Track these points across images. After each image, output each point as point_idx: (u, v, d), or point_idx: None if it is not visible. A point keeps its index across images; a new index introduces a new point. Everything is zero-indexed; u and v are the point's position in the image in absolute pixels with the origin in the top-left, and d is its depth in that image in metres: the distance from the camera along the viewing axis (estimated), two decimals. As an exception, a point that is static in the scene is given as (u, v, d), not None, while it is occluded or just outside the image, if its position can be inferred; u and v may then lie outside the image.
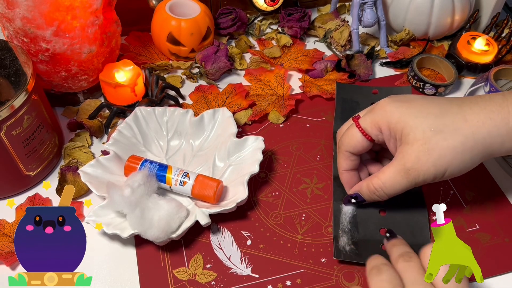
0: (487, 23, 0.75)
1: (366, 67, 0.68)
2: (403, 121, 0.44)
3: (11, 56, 0.50)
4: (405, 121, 0.44)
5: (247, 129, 0.62)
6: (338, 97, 0.64)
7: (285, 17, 0.73)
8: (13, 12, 0.51)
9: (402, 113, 0.45)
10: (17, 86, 0.48)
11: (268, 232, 0.51)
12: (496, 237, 0.51)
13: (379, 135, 0.47)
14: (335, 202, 0.53)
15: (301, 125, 0.63)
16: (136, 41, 0.72)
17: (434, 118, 0.44)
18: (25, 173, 0.53)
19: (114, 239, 0.51)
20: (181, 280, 0.48)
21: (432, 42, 0.74)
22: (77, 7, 0.53)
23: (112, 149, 0.54)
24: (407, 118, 0.44)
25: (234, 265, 0.49)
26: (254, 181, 0.56)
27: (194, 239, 0.51)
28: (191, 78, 0.68)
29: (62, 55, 0.56)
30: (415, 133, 0.44)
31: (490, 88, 0.62)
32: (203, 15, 0.67)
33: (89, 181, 0.51)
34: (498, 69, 0.64)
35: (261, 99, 0.65)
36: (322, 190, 0.56)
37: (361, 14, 0.70)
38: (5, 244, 0.49)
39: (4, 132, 0.47)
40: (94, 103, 0.63)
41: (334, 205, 0.53)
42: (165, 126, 0.58)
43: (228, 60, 0.67)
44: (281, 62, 0.71)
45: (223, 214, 0.51)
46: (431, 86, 0.65)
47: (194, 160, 0.57)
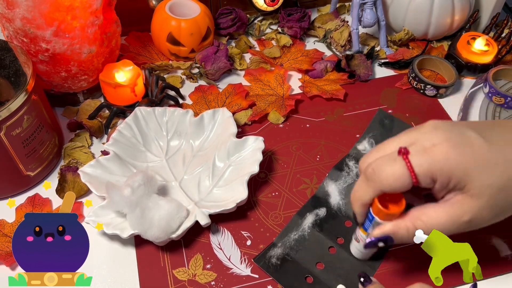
0: (487, 23, 0.75)
1: (366, 67, 0.68)
2: (470, 174, 0.38)
3: (11, 56, 0.50)
4: (471, 175, 0.38)
5: (247, 129, 0.62)
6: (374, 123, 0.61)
7: (285, 17, 0.73)
8: (13, 12, 0.51)
9: (468, 163, 0.38)
10: (17, 86, 0.48)
11: (268, 232, 0.51)
12: (496, 237, 0.51)
13: (430, 183, 0.40)
14: (297, 215, 0.52)
15: (301, 125, 0.63)
16: (136, 41, 0.72)
17: (500, 172, 0.39)
18: (25, 173, 0.53)
19: (114, 239, 0.51)
20: (181, 280, 0.48)
21: (431, 42, 0.74)
22: (77, 7, 0.53)
23: (112, 149, 0.54)
24: (474, 171, 0.38)
25: (234, 265, 0.49)
26: (254, 181, 0.56)
27: (194, 239, 0.51)
28: (191, 78, 0.68)
29: (62, 55, 0.56)
30: (481, 189, 0.39)
31: (490, 89, 0.62)
32: (203, 15, 0.67)
33: (89, 181, 0.51)
34: (497, 70, 0.64)
35: (261, 99, 0.65)
36: (322, 190, 0.56)
37: (361, 14, 0.70)
38: (5, 244, 0.49)
39: (4, 132, 0.47)
40: (94, 103, 0.63)
41: (294, 218, 0.52)
42: (165, 126, 0.58)
43: (228, 60, 0.67)
44: (281, 62, 0.71)
45: (223, 214, 0.51)
46: (432, 87, 0.65)
47: (194, 160, 0.57)
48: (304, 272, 0.48)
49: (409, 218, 0.41)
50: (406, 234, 0.41)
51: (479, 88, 0.64)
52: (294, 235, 0.50)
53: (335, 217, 0.52)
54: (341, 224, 0.52)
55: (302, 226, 0.51)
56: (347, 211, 0.53)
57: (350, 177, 0.55)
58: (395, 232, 0.41)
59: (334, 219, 0.52)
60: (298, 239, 0.50)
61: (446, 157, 0.38)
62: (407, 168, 0.38)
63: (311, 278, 0.47)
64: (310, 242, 0.50)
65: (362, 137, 0.60)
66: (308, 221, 0.51)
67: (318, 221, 0.52)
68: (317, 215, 0.52)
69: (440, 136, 0.39)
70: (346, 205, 0.53)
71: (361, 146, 0.59)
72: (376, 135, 0.60)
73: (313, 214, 0.52)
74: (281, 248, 0.49)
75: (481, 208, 0.39)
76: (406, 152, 0.39)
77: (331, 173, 0.56)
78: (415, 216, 0.41)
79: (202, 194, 0.54)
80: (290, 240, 0.50)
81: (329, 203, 0.53)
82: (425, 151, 0.39)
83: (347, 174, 0.56)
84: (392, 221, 0.41)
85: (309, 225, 0.51)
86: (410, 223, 0.41)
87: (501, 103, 0.63)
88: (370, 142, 0.59)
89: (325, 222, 0.52)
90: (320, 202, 0.53)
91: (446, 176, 0.39)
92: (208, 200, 0.53)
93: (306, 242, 0.50)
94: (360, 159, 0.44)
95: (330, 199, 0.54)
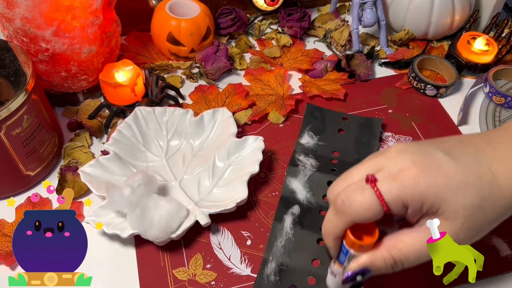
0: (487, 23, 0.75)
1: (366, 67, 0.68)
2: (442, 197, 0.37)
3: (11, 56, 0.50)
4: (444, 198, 0.37)
5: (247, 129, 0.62)
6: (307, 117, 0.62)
7: (285, 17, 0.73)
8: (13, 12, 0.51)
9: (439, 186, 0.37)
10: (17, 86, 0.48)
11: (268, 232, 0.51)
12: (496, 237, 0.51)
13: (402, 210, 0.38)
14: (275, 221, 0.51)
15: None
16: (136, 41, 0.72)
17: (474, 192, 0.37)
18: (25, 173, 0.53)
19: (114, 239, 0.51)
20: (181, 280, 0.48)
21: (431, 42, 0.74)
22: (77, 7, 0.53)
23: (112, 149, 0.54)
24: (447, 194, 0.37)
25: (234, 265, 0.49)
26: (254, 181, 0.56)
27: (194, 239, 0.51)
28: (191, 78, 0.68)
29: (62, 55, 0.56)
30: (455, 211, 0.37)
31: (490, 89, 0.62)
32: (203, 15, 0.67)
33: (89, 181, 0.51)
34: (497, 70, 0.64)
35: (261, 99, 0.65)
36: (322, 190, 0.56)
37: (361, 14, 0.70)
38: (5, 244, 0.49)
39: (4, 132, 0.47)
40: (94, 103, 0.63)
41: (274, 225, 0.51)
42: (165, 126, 0.58)
43: (228, 60, 0.67)
44: (281, 62, 0.71)
45: (223, 214, 0.51)
46: (432, 87, 0.65)
47: (194, 160, 0.57)
48: (304, 275, 0.47)
49: (385, 247, 0.39)
50: (384, 264, 0.39)
51: (479, 88, 0.64)
52: (281, 242, 0.50)
53: (309, 210, 0.52)
54: (317, 215, 0.52)
55: (284, 230, 0.50)
56: (318, 201, 0.53)
57: (307, 170, 0.56)
58: (372, 263, 0.39)
59: (309, 213, 0.52)
60: (285, 244, 0.49)
61: (416, 181, 0.37)
62: (377, 197, 0.37)
63: (313, 279, 0.47)
64: (297, 242, 0.50)
65: (301, 131, 0.61)
66: (288, 222, 0.51)
67: (296, 219, 0.51)
68: (293, 214, 0.52)
69: (407, 160, 0.38)
70: (314, 196, 0.54)
71: (303, 140, 0.59)
72: (313, 127, 0.61)
73: (289, 214, 0.52)
74: (274, 261, 0.48)
75: (458, 230, 0.38)
76: (374, 180, 0.37)
77: (288, 170, 0.56)
78: (391, 245, 0.39)
79: (202, 194, 0.54)
80: (278, 249, 0.49)
81: (298, 199, 0.53)
82: (393, 177, 0.37)
83: (304, 168, 0.56)
84: (367, 252, 0.39)
85: (290, 226, 0.51)
86: (386, 253, 0.39)
87: (501, 103, 0.63)
88: (310, 134, 0.60)
89: (303, 218, 0.52)
90: (289, 201, 0.53)
91: (418, 201, 0.37)
92: (208, 200, 0.53)
93: (294, 244, 0.49)
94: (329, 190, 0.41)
95: (298, 195, 0.54)
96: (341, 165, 0.56)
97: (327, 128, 0.61)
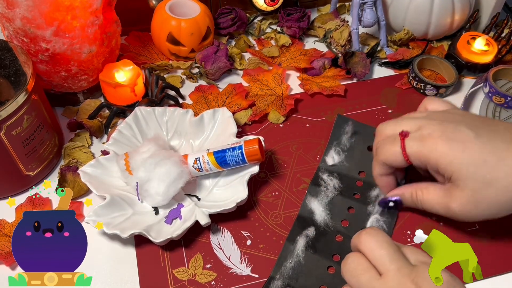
0: (487, 23, 0.75)
1: (364, 66, 0.67)
2: (455, 166, 0.43)
3: (11, 56, 0.50)
4: (457, 168, 0.43)
5: (247, 129, 0.62)
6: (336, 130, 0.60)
7: (284, 17, 0.73)
8: (13, 12, 0.51)
9: (455, 157, 0.43)
10: (17, 86, 0.48)
11: (268, 232, 0.51)
12: (496, 237, 0.51)
13: (422, 165, 0.46)
14: (287, 242, 0.50)
15: (301, 125, 0.63)
16: (136, 41, 0.72)
17: (488, 169, 0.42)
18: (25, 173, 0.53)
19: (114, 239, 0.51)
20: (181, 280, 0.48)
21: (431, 42, 0.74)
22: (77, 7, 0.53)
23: (112, 149, 0.54)
24: (460, 165, 0.43)
25: (234, 265, 0.49)
26: (254, 181, 0.56)
27: (194, 239, 0.51)
28: (191, 78, 0.68)
29: (62, 55, 0.56)
30: (466, 182, 0.43)
31: (490, 89, 0.62)
32: (203, 15, 0.67)
33: (89, 181, 0.51)
34: (497, 70, 0.64)
35: (260, 99, 0.65)
36: (322, 190, 0.56)
37: (361, 14, 0.70)
38: (5, 244, 0.49)
39: (4, 132, 0.47)
40: (94, 103, 0.63)
41: (285, 245, 0.50)
42: (165, 126, 0.58)
43: (228, 60, 0.67)
44: (279, 62, 0.71)
45: (223, 214, 0.51)
46: (432, 87, 0.65)
47: (194, 160, 0.57)
48: None
49: (415, 187, 0.48)
50: (410, 198, 0.49)
51: (479, 88, 0.64)
52: (290, 263, 0.48)
53: (325, 234, 0.51)
54: (332, 241, 0.50)
55: (295, 252, 0.49)
56: (335, 225, 0.51)
57: (329, 191, 0.54)
58: (403, 194, 0.50)
59: (324, 237, 0.50)
60: (295, 266, 0.48)
61: (434, 147, 0.44)
62: (401, 148, 0.46)
63: None
64: (307, 266, 0.48)
65: (328, 147, 0.58)
66: (300, 245, 0.49)
67: (310, 242, 0.50)
68: (307, 236, 0.50)
69: (439, 130, 0.44)
70: (332, 219, 0.52)
71: (329, 158, 0.57)
72: (340, 143, 0.59)
73: (303, 236, 0.50)
74: (280, 280, 0.47)
75: (465, 201, 0.43)
76: (405, 135, 0.46)
77: (310, 189, 0.55)
78: (419, 187, 0.48)
79: (202, 194, 0.54)
80: (287, 270, 0.48)
81: (315, 221, 0.52)
82: (420, 138, 0.45)
83: (326, 189, 0.54)
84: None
85: (302, 248, 0.49)
86: (414, 191, 0.48)
87: (501, 103, 0.63)
88: (337, 150, 0.58)
89: (317, 241, 0.50)
90: (307, 221, 0.52)
91: (433, 163, 0.44)
92: (208, 199, 0.53)
93: (303, 267, 0.48)
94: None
95: (316, 217, 0.52)
96: (365, 188, 0.54)
97: (356, 144, 0.59)
